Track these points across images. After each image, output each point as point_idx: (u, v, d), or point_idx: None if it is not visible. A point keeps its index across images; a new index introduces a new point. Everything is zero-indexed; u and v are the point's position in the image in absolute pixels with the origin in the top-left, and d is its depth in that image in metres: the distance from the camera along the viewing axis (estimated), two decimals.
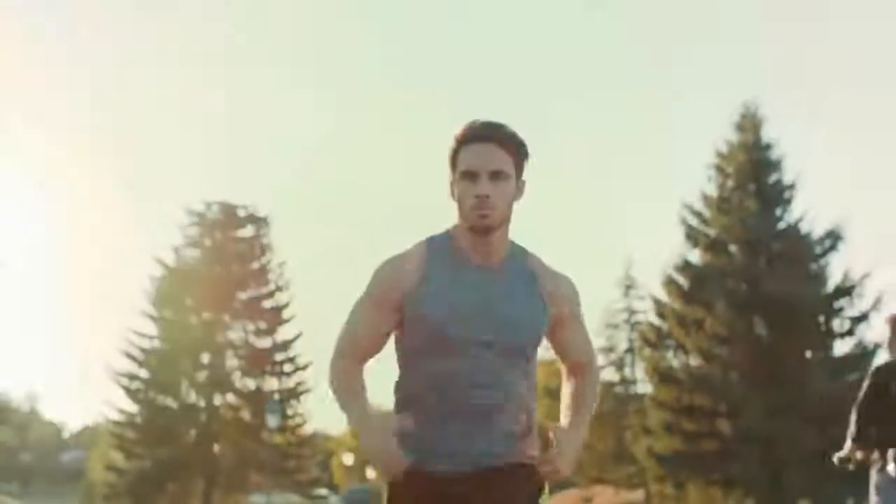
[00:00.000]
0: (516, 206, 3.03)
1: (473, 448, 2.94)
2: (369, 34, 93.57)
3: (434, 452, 2.94)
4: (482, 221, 2.91)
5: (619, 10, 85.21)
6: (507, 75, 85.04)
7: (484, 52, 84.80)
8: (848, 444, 6.52)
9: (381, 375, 3.37)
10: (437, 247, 3.02)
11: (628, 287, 45.57)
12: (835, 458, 6.64)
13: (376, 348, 3.07)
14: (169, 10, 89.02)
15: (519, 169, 2.99)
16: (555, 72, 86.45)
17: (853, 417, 6.51)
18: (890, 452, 6.36)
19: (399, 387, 3.06)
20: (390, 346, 3.08)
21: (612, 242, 76.15)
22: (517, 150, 2.97)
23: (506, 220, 2.99)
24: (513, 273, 3.02)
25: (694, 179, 33.81)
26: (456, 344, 2.92)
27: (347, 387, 3.03)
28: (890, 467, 6.35)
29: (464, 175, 2.93)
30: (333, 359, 3.08)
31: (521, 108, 73.78)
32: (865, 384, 6.54)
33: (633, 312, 45.07)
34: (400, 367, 3.06)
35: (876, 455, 6.45)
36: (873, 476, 6.51)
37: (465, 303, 2.94)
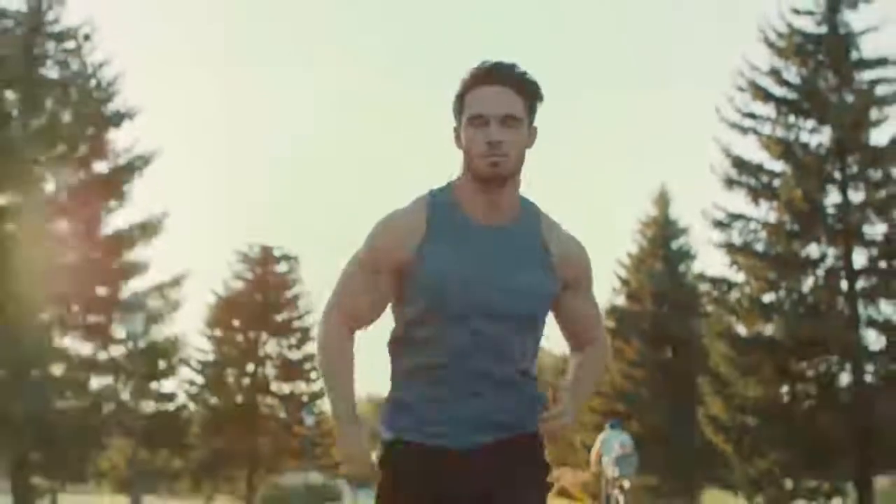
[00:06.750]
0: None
1: (471, 419, 2.65)
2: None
3: (432, 425, 2.66)
4: (494, 170, 2.57)
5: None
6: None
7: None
8: None
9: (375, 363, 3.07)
10: (440, 203, 2.67)
11: None
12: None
13: (375, 315, 2.73)
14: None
15: (531, 113, 2.66)
16: (559, 81, 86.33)
17: None
18: None
19: (397, 358, 2.74)
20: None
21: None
22: (530, 92, 2.65)
23: (518, 171, 2.63)
24: (521, 235, 2.66)
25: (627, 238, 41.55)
26: (456, 313, 2.60)
27: (336, 368, 2.69)
28: None
29: (472, 120, 2.60)
30: (329, 314, 2.71)
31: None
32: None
33: None
34: (398, 337, 2.75)
35: None
36: None
37: (466, 267, 2.59)
